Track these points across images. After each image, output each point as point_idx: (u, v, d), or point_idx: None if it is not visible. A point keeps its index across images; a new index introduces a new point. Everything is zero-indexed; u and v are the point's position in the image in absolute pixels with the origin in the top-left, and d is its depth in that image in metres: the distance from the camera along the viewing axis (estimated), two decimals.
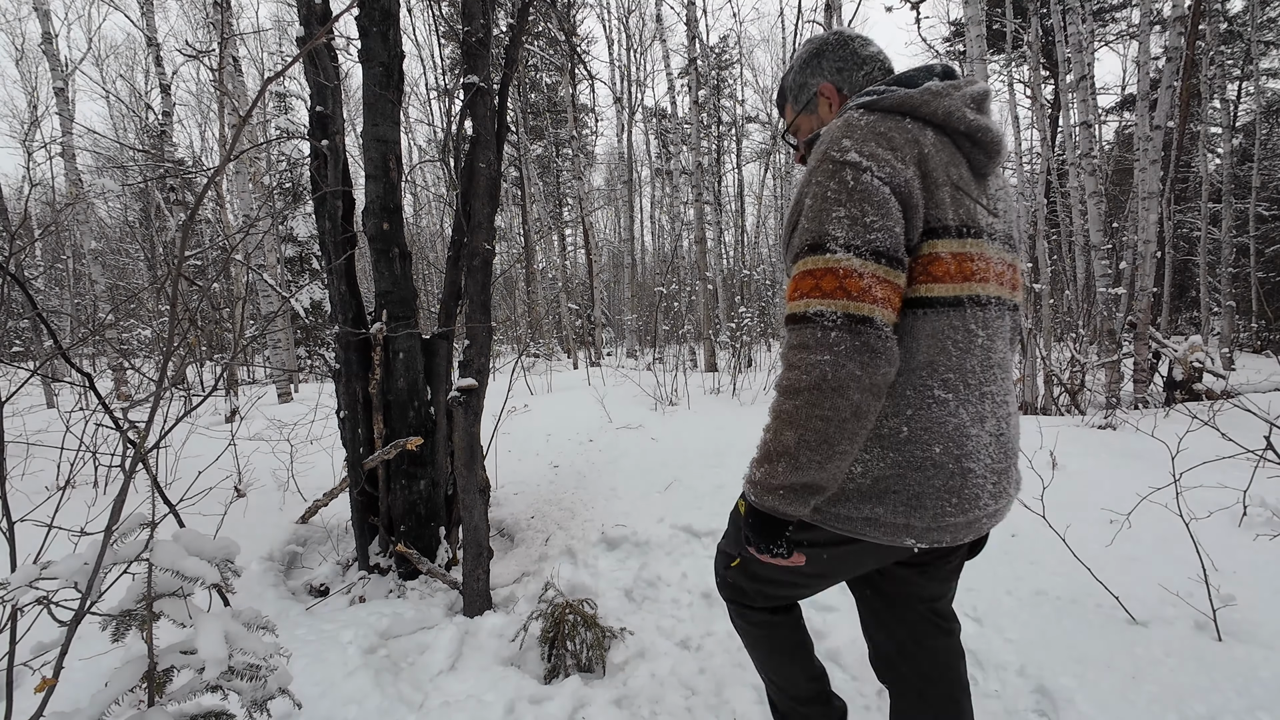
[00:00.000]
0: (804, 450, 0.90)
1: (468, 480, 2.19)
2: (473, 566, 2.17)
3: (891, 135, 0.94)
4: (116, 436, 3.40)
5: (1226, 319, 9.68)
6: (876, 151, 0.92)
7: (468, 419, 2.22)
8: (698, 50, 9.34)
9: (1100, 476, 3.39)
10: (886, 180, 0.91)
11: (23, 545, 1.75)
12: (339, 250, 2.36)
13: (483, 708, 1.67)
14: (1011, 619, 2.08)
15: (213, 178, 1.29)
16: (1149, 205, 5.44)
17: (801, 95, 1.19)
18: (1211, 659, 1.80)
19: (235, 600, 2.08)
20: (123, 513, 1.18)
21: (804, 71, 1.18)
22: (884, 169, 0.92)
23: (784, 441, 0.92)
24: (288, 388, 8.46)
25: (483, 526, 2.20)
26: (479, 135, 2.29)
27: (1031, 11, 9.38)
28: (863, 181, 0.91)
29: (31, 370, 1.70)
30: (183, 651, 1.16)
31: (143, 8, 8.57)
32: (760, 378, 7.61)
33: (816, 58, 1.16)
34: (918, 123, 0.98)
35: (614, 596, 2.35)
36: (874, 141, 0.93)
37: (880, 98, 0.99)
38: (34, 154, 15.60)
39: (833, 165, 0.93)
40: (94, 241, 8.91)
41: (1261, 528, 2.57)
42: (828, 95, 1.15)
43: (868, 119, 0.96)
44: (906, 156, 0.94)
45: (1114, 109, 17.52)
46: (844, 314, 0.89)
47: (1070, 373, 5.73)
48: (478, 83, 2.25)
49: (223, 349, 11.55)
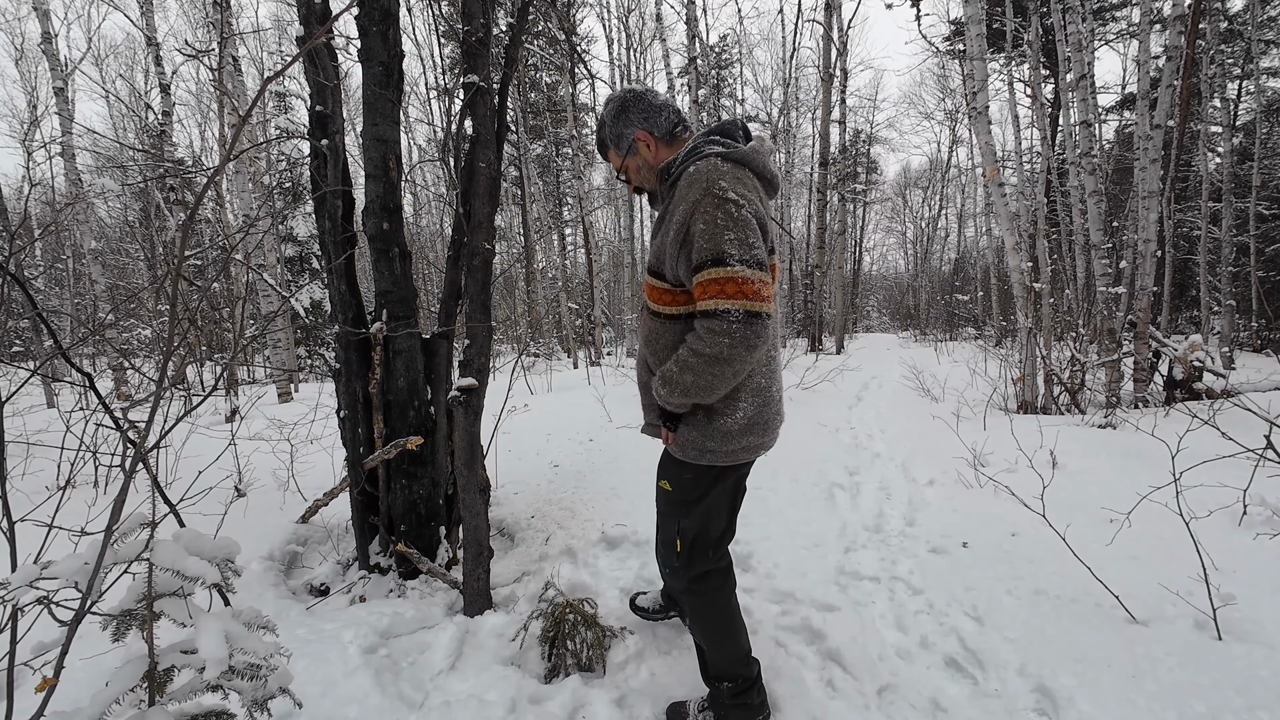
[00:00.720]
0: (693, 390, 1.38)
1: (468, 480, 2.19)
2: (473, 566, 2.17)
3: (746, 180, 1.35)
4: (116, 436, 3.40)
5: (1226, 318, 9.67)
6: (744, 192, 1.30)
7: (468, 418, 2.22)
8: (697, 50, 9.33)
9: (1100, 476, 3.39)
10: (754, 214, 1.30)
11: (23, 545, 1.76)
12: (339, 250, 2.36)
13: (483, 707, 1.67)
14: (1011, 618, 2.08)
15: (212, 177, 1.29)
16: (1149, 204, 5.44)
17: (622, 143, 1.51)
18: (1211, 658, 1.80)
19: (235, 600, 2.08)
20: (123, 512, 1.18)
21: (617, 124, 1.49)
22: (751, 206, 1.30)
23: (684, 381, 1.37)
24: (288, 387, 8.46)
25: (483, 526, 2.20)
26: (479, 135, 2.29)
27: (1031, 10, 9.37)
28: (742, 213, 1.27)
29: (32, 370, 1.70)
30: (183, 651, 1.16)
31: (142, 7, 8.56)
32: None
33: (624, 112, 1.48)
34: (749, 171, 1.38)
35: (614, 596, 2.35)
36: (740, 185, 1.31)
37: (731, 151, 1.37)
38: (34, 154, 15.59)
39: (717, 200, 1.27)
40: (94, 241, 8.91)
41: (1261, 527, 2.57)
42: (644, 139, 1.48)
43: (728, 166, 1.33)
44: (755, 198, 1.34)
45: (1114, 108, 17.50)
46: (744, 311, 1.25)
47: (1070, 372, 5.73)
48: (478, 82, 2.25)
49: (223, 349, 11.55)
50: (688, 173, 1.34)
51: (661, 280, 1.44)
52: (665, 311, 1.46)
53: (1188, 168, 13.10)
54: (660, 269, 1.42)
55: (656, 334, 1.49)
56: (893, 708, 1.73)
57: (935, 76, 23.21)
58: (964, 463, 3.71)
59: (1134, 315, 5.57)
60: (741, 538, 2.77)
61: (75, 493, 3.17)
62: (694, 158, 1.38)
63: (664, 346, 1.48)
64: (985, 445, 3.93)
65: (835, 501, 3.29)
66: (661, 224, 1.41)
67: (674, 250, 1.35)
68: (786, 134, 20.55)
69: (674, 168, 1.43)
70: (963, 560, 2.52)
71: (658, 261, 1.43)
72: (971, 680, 1.84)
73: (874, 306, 34.89)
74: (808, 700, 1.75)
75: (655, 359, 1.51)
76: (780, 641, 2.03)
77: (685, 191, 1.31)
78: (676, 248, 1.34)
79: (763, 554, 2.63)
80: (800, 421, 5.28)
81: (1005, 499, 3.02)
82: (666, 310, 1.45)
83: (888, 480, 3.64)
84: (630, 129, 1.48)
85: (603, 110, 1.53)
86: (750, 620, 2.17)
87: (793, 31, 14.34)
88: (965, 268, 25.36)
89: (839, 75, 14.25)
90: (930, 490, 3.39)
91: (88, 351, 10.48)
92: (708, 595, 1.60)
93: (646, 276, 1.50)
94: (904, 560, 2.57)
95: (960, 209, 27.87)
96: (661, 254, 1.40)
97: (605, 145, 1.55)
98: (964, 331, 17.96)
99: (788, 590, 2.35)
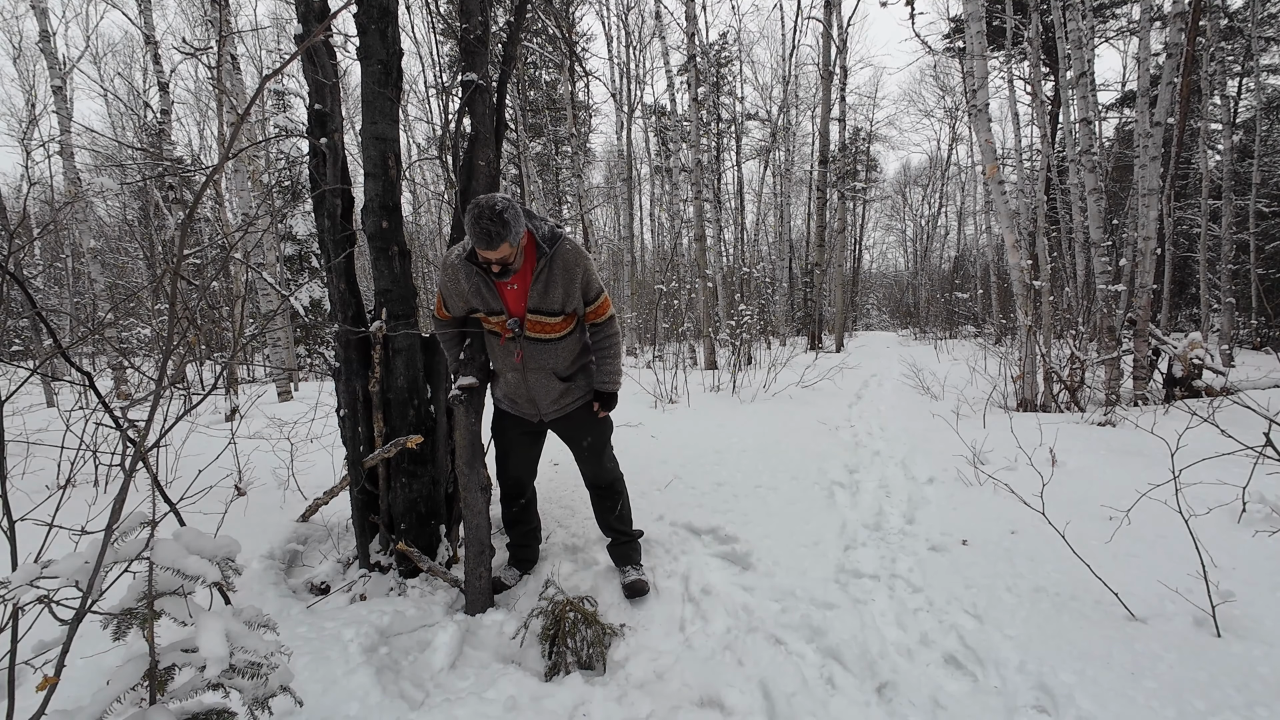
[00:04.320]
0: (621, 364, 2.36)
1: (469, 478, 2.19)
2: (475, 564, 2.17)
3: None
4: (116, 435, 3.41)
5: (1226, 316, 9.67)
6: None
7: (469, 417, 2.22)
8: (696, 47, 9.31)
9: (1100, 473, 3.39)
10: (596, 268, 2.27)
11: (23, 544, 1.76)
12: (338, 248, 2.36)
13: (484, 705, 1.68)
14: (1011, 615, 2.08)
15: (211, 176, 1.28)
16: (1149, 202, 5.43)
17: (516, 239, 1.95)
18: (1210, 655, 1.80)
19: (236, 599, 2.08)
20: (123, 511, 1.18)
21: (518, 225, 1.93)
22: (593, 263, 2.21)
23: (621, 362, 2.34)
24: (287, 386, 8.46)
25: (484, 524, 2.20)
26: (478, 132, 2.28)
27: (1031, 7, 9.35)
28: (594, 265, 2.18)
29: (31, 369, 1.70)
30: (184, 650, 1.17)
31: (140, 5, 8.53)
32: (760, 375, 7.61)
33: (518, 219, 1.93)
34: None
35: (614, 594, 2.35)
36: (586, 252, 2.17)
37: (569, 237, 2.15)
38: (32, 152, 15.55)
39: (587, 259, 2.14)
40: (93, 240, 8.90)
41: (1261, 524, 2.57)
42: (527, 234, 2.08)
43: (577, 242, 2.12)
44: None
45: (1114, 105, 17.49)
46: (614, 313, 2.29)
47: (1070, 370, 5.73)
48: (476, 80, 2.25)
49: (222, 347, 11.54)
50: (565, 249, 2.12)
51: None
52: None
53: (1188, 165, 13.09)
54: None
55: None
56: (892, 705, 1.74)
57: (935, 75, 23.18)
58: (964, 461, 3.71)
59: (1134, 313, 5.57)
60: (741, 536, 2.77)
61: (75, 492, 3.17)
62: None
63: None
64: (985, 443, 3.93)
65: (835, 499, 3.30)
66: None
67: (565, 295, 2.15)
68: (786, 131, 20.54)
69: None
70: (962, 558, 2.52)
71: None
72: (971, 677, 1.84)
73: (874, 304, 34.89)
74: (808, 698, 1.76)
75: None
76: (780, 639, 2.03)
77: (569, 258, 2.12)
78: (580, 290, 2.18)
79: (762, 552, 2.63)
80: (800, 419, 5.29)
81: (1005, 497, 3.03)
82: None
83: (887, 478, 3.64)
84: (521, 228, 1.97)
85: (508, 216, 1.94)
86: (750, 618, 2.18)
87: (792, 29, 14.34)
88: (965, 265, 25.35)
89: (839, 73, 14.23)
90: (930, 488, 3.39)
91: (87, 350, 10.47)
92: (622, 482, 2.55)
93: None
94: (904, 558, 2.58)
95: (960, 207, 27.87)
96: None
97: (507, 239, 1.92)
98: (964, 329, 17.95)
99: (788, 588, 2.35)
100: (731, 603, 2.27)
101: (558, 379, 2.25)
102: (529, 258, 2.09)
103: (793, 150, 22.13)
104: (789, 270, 21.77)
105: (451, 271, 2.13)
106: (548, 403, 2.28)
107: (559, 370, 2.25)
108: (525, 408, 2.32)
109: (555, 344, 2.19)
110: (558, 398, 2.28)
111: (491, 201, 1.88)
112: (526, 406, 2.31)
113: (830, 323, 18.35)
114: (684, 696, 1.79)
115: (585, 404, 2.36)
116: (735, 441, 4.36)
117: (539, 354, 2.18)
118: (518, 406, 2.33)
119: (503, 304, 2.11)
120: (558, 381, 2.25)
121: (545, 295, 2.09)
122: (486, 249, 1.90)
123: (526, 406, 2.31)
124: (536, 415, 2.32)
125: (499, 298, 2.11)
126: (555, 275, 2.08)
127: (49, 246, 14.06)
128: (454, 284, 2.14)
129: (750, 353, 9.87)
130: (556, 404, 2.30)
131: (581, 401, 2.35)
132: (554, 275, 2.08)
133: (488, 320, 2.19)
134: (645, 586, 2.37)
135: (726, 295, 12.18)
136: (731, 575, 2.51)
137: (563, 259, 2.08)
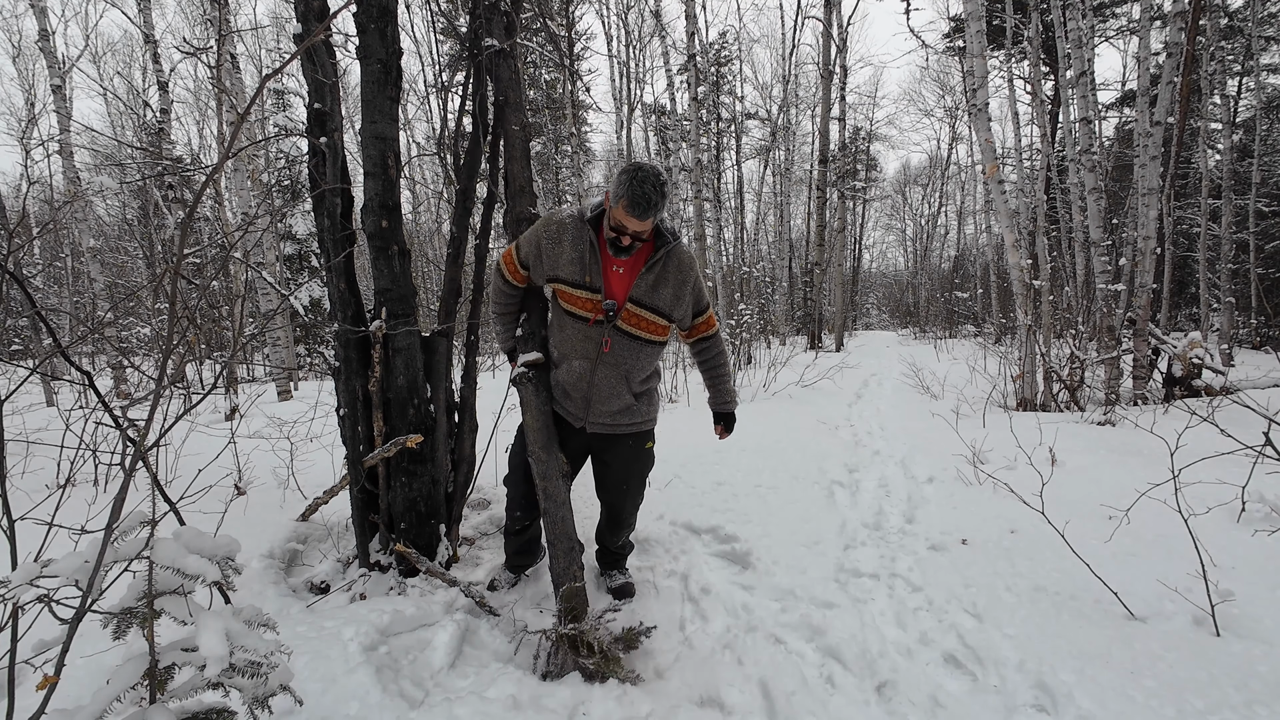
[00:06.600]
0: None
1: (548, 465, 2.02)
2: (565, 564, 1.92)
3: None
4: (116, 434, 3.40)
5: (1226, 315, 9.67)
6: None
7: (539, 396, 2.07)
8: (696, 46, 9.30)
9: (1099, 473, 3.39)
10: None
11: (23, 543, 1.76)
12: (338, 248, 2.36)
13: (484, 704, 1.68)
14: (1010, 615, 2.09)
15: (211, 175, 1.28)
16: (1149, 201, 5.43)
17: (661, 216, 1.87)
18: (1210, 654, 1.81)
19: (236, 598, 2.08)
20: (123, 511, 1.18)
21: (667, 202, 1.83)
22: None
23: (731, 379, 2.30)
24: (287, 385, 8.45)
25: (569, 516, 2.02)
26: (506, 98, 2.21)
27: (1031, 7, 9.35)
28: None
29: (31, 368, 1.70)
30: (184, 649, 1.16)
31: (140, 4, 8.52)
32: (760, 375, 7.61)
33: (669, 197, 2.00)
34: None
35: (604, 599, 2.35)
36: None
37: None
38: (32, 152, 15.53)
39: (698, 267, 2.03)
40: (92, 239, 8.89)
41: (1260, 523, 2.57)
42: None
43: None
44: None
45: (1114, 105, 17.49)
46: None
47: (1070, 369, 5.73)
48: (496, 45, 2.20)
49: (222, 347, 11.54)
50: (680, 248, 2.00)
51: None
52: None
53: (1188, 165, 13.09)
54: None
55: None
56: (892, 704, 1.74)
57: (935, 74, 23.16)
58: (963, 460, 3.71)
59: (1133, 312, 5.57)
60: (741, 535, 2.77)
61: (75, 491, 3.17)
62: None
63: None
64: (984, 442, 3.94)
65: (835, 499, 3.30)
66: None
67: (680, 300, 2.01)
68: (786, 131, 20.52)
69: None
70: (962, 557, 2.53)
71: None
72: (971, 676, 1.84)
73: (873, 304, 34.87)
74: (807, 697, 1.76)
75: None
76: (780, 638, 2.04)
77: (686, 259, 2.00)
78: (691, 297, 2.04)
79: (762, 551, 2.63)
80: (800, 419, 5.29)
81: (1004, 496, 3.03)
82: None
83: (887, 477, 3.64)
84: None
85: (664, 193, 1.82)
86: (750, 617, 2.18)
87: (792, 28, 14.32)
88: (965, 265, 25.34)
89: (839, 72, 14.22)
90: (930, 487, 3.39)
91: (87, 350, 10.47)
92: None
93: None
94: (903, 557, 2.58)
95: (960, 206, 27.86)
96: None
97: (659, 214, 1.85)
98: (963, 329, 17.96)
99: (787, 587, 2.35)
100: (731, 602, 2.27)
101: (628, 389, 2.03)
102: (647, 244, 1.93)
103: (792, 149, 22.13)
104: (789, 269, 21.77)
105: (556, 229, 1.91)
106: (604, 410, 2.05)
107: (632, 378, 2.02)
108: (574, 406, 2.08)
109: (643, 347, 1.99)
110: (617, 411, 2.06)
111: (655, 168, 1.74)
112: (576, 405, 2.07)
113: (830, 322, 18.35)
114: (684, 695, 1.79)
115: (638, 435, 2.14)
116: (735, 441, 4.36)
117: (623, 351, 1.97)
118: (567, 400, 2.10)
119: (604, 282, 1.91)
120: (627, 393, 2.03)
121: (654, 290, 1.94)
122: (640, 216, 1.75)
123: (576, 405, 2.07)
124: (582, 420, 2.09)
125: (601, 274, 1.90)
126: (669, 271, 1.94)
127: (48, 246, 14.05)
128: (553, 244, 1.91)
129: (750, 352, 9.87)
130: (612, 417, 2.07)
131: (635, 430, 2.12)
132: (667, 271, 1.94)
133: (571, 296, 1.94)
134: (634, 589, 2.35)
135: (726, 294, 12.17)
136: (731, 574, 2.51)
137: (679, 257, 1.95)
